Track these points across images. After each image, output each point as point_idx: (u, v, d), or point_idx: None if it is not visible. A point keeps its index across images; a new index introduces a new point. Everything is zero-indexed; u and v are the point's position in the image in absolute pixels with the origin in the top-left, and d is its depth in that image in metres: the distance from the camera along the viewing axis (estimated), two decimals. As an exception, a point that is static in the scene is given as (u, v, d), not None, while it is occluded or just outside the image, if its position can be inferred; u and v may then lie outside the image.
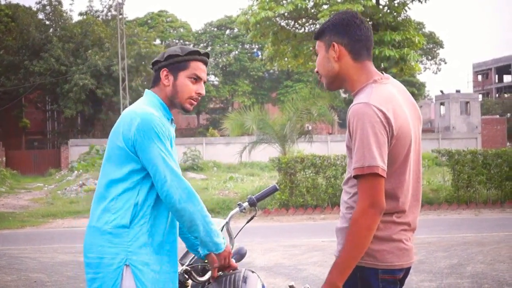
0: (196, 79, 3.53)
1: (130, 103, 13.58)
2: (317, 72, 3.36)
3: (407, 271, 3.25)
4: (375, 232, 3.04)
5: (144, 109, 3.38)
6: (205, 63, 3.59)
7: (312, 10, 23.07)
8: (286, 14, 22.62)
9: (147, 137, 3.30)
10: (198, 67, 3.54)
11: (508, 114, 63.75)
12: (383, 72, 3.33)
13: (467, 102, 53.39)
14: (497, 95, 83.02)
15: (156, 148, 3.30)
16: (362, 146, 2.98)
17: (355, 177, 3.04)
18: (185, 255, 3.81)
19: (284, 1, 22.88)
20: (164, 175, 3.29)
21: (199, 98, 3.59)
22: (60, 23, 49.62)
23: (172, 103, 3.55)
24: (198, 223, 3.33)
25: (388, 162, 3.02)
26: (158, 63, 3.55)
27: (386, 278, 3.12)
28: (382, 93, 3.09)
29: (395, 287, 3.18)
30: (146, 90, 3.61)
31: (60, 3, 50.21)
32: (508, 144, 52.80)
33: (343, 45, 3.19)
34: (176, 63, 3.50)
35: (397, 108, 3.08)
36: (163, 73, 3.51)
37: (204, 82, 3.59)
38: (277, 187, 4.35)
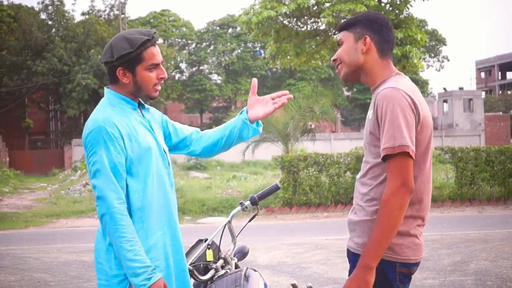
0: (155, 66, 3.38)
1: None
2: (334, 60, 3.46)
3: (418, 265, 3.35)
4: None
5: (91, 118, 3.31)
6: (156, 42, 3.42)
7: (314, 8, 23.04)
8: (287, 12, 22.59)
9: (86, 149, 3.28)
10: (152, 55, 3.35)
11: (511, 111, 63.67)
12: None
13: (470, 99, 53.31)
14: (500, 92, 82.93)
15: (91, 160, 3.24)
16: (392, 127, 3.06)
17: (384, 158, 3.10)
18: (187, 254, 3.81)
19: (286, 0, 22.86)
20: (94, 189, 3.24)
21: (162, 80, 3.46)
22: (62, 23, 49.60)
23: (136, 96, 3.44)
24: (115, 248, 3.18)
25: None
26: (109, 63, 3.36)
27: (402, 272, 3.22)
28: (407, 83, 3.25)
29: (408, 281, 3.28)
30: (105, 88, 3.47)
31: (62, 3, 50.17)
32: (511, 140, 52.74)
33: (373, 40, 3.33)
34: (129, 59, 3.31)
35: (420, 99, 3.22)
36: (120, 72, 3.34)
37: (162, 62, 3.42)
38: (279, 186, 4.36)
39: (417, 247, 3.25)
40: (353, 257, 3.29)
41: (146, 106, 3.55)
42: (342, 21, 3.48)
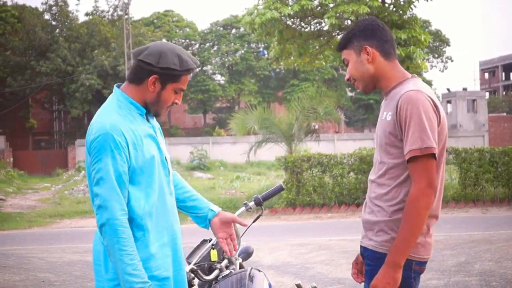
0: (179, 91, 3.39)
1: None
2: (348, 79, 3.53)
3: None
4: None
5: (98, 121, 3.24)
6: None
7: (318, 9, 23.01)
8: (291, 13, 22.56)
9: (90, 155, 3.21)
10: (186, 81, 3.37)
11: (515, 112, 63.56)
12: None
13: (474, 100, 53.21)
14: (504, 92, 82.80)
15: (96, 167, 3.17)
16: (419, 129, 3.15)
17: (409, 159, 3.18)
18: (191, 254, 3.81)
19: (290, 1, 22.83)
20: (95, 197, 3.18)
21: (173, 105, 3.44)
22: (66, 23, 49.67)
23: (147, 106, 3.37)
24: (113, 259, 3.14)
25: None
26: (148, 65, 3.27)
27: (417, 270, 3.32)
28: (426, 86, 3.33)
29: (419, 279, 3.38)
30: (115, 88, 3.41)
31: (66, 4, 50.26)
32: (515, 141, 52.63)
33: (373, 47, 3.39)
34: (170, 75, 3.29)
35: (438, 101, 3.29)
36: (152, 79, 3.28)
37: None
38: (283, 187, 4.35)
39: (429, 246, 3.35)
40: (371, 255, 3.36)
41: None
42: (339, 40, 3.54)
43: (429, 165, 3.15)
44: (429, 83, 64.78)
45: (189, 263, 3.68)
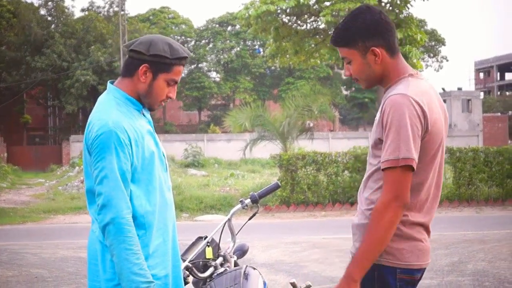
0: (173, 83, 3.33)
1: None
2: (351, 76, 3.26)
3: (423, 271, 3.22)
4: (396, 230, 2.99)
5: (99, 118, 3.19)
6: (185, 64, 3.38)
7: (314, 7, 23.03)
8: (288, 10, 22.58)
9: (92, 153, 3.16)
10: (178, 72, 3.32)
11: (510, 112, 63.64)
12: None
13: (468, 100, 53.27)
14: (498, 92, 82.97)
15: (99, 166, 3.12)
16: (398, 138, 2.93)
17: (384, 168, 2.97)
18: (186, 252, 3.81)
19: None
20: (98, 196, 3.11)
21: (168, 100, 3.39)
22: (62, 19, 49.61)
23: (139, 99, 3.33)
24: (117, 259, 3.08)
25: (418, 156, 2.98)
26: (139, 54, 3.26)
27: (404, 278, 3.08)
28: (419, 87, 3.08)
29: (412, 287, 3.15)
30: (109, 85, 3.36)
31: (62, -1, 50.21)
32: (509, 141, 52.75)
33: (380, 46, 3.12)
34: (161, 63, 3.25)
35: (432, 103, 3.07)
36: (143, 68, 3.25)
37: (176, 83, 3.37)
38: (279, 184, 4.35)
39: (421, 252, 3.11)
40: None
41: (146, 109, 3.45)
42: (333, 35, 3.23)
43: (402, 177, 2.93)
44: (424, 82, 64.77)
45: (184, 260, 3.67)
